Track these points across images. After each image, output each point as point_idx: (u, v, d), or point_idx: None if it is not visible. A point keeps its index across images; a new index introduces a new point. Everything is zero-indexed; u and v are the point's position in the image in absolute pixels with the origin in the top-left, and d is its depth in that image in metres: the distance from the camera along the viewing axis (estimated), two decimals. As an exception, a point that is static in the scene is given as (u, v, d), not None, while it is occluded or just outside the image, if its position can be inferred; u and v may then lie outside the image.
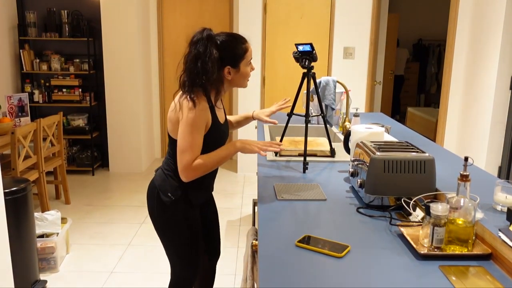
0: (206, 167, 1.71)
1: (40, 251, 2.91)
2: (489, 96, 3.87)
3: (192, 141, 1.69)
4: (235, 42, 1.75)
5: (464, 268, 1.19)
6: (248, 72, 1.79)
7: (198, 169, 1.70)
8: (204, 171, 1.72)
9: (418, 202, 1.54)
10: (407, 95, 8.53)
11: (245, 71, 1.79)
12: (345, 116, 2.84)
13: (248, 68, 1.79)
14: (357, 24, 4.81)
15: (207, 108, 1.72)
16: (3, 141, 3.48)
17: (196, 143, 1.69)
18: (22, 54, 4.88)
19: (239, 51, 1.75)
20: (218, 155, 1.74)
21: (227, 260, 3.18)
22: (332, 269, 1.18)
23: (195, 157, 1.69)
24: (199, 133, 1.70)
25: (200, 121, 1.69)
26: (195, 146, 1.69)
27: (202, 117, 1.70)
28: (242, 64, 1.76)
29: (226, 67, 1.74)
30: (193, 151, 1.69)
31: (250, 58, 1.78)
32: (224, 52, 1.72)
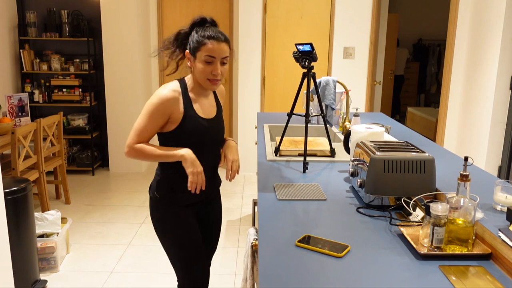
0: (142, 154, 1.70)
1: (40, 251, 2.91)
2: (489, 96, 3.87)
3: (142, 125, 1.69)
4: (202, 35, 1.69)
5: (464, 268, 1.20)
6: (201, 68, 1.69)
7: (135, 153, 1.70)
8: (139, 156, 1.71)
9: (418, 202, 1.54)
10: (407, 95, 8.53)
11: (200, 66, 1.69)
12: (345, 116, 2.84)
13: (204, 65, 1.69)
14: (357, 24, 4.81)
15: (173, 98, 1.69)
16: (3, 141, 3.48)
17: (144, 129, 1.69)
18: (22, 54, 4.89)
19: (198, 39, 1.69)
20: (159, 152, 1.71)
21: (227, 260, 3.18)
22: (332, 269, 1.18)
23: (138, 142, 1.70)
24: (151, 121, 1.68)
25: (156, 109, 1.68)
26: (142, 131, 1.69)
27: (162, 106, 1.68)
28: (198, 55, 1.69)
29: (186, 50, 1.74)
30: (137, 135, 1.70)
31: (206, 55, 1.67)
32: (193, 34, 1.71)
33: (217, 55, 1.68)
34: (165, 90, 1.70)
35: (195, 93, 1.77)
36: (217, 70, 1.69)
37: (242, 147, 5.03)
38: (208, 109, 1.81)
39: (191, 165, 1.67)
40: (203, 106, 1.79)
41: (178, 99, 1.70)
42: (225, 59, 1.72)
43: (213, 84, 1.72)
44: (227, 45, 1.72)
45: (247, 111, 5.06)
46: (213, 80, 1.71)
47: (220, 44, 1.68)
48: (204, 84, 1.72)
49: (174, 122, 1.71)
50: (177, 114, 1.71)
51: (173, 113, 1.70)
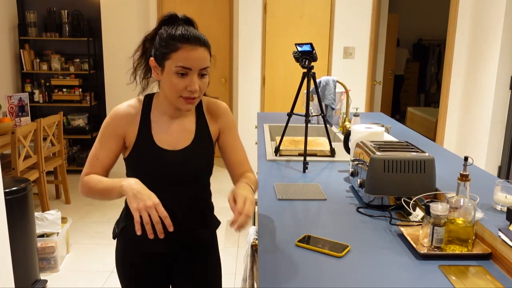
0: (90, 189, 1.33)
1: (41, 251, 2.91)
2: (489, 96, 3.88)
3: (93, 151, 1.37)
4: (172, 36, 1.26)
5: (464, 267, 1.20)
6: (175, 84, 1.26)
7: (84, 186, 1.35)
8: (88, 193, 1.34)
9: (418, 201, 1.54)
10: (407, 94, 8.54)
11: (170, 79, 1.26)
12: (345, 116, 2.84)
13: (176, 79, 1.25)
14: (357, 24, 4.81)
15: (126, 115, 1.35)
16: (4, 140, 3.48)
17: (95, 155, 1.36)
18: (22, 54, 4.89)
19: (166, 44, 1.26)
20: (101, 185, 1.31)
21: (227, 260, 3.18)
22: (332, 269, 1.18)
23: (91, 170, 1.35)
24: (101, 144, 1.35)
25: (106, 129, 1.36)
26: (93, 159, 1.36)
27: (112, 123, 1.35)
28: (166, 64, 1.27)
29: (151, 57, 1.33)
30: (89, 164, 1.37)
31: (178, 65, 1.24)
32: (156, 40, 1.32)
33: (194, 66, 1.25)
34: (120, 106, 1.38)
35: (160, 113, 1.38)
36: (194, 85, 1.26)
37: (242, 147, 5.03)
38: (175, 136, 1.38)
39: (134, 199, 1.17)
40: (168, 131, 1.37)
41: (133, 117, 1.35)
42: (205, 70, 1.29)
43: (188, 103, 1.29)
44: (206, 50, 1.29)
45: (247, 111, 5.06)
46: (188, 98, 1.28)
47: (198, 50, 1.25)
48: (176, 102, 1.30)
49: (128, 147, 1.37)
50: (130, 136, 1.36)
51: (127, 134, 1.36)
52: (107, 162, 1.36)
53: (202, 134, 1.41)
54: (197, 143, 1.40)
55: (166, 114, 1.38)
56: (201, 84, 1.29)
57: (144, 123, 1.36)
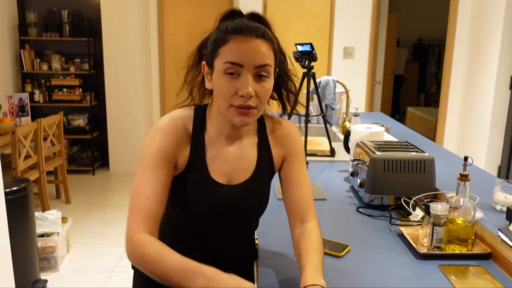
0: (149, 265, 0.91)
1: (41, 251, 2.91)
2: (489, 96, 3.88)
3: (137, 187, 0.99)
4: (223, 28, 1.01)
5: (464, 267, 1.20)
6: (223, 86, 0.98)
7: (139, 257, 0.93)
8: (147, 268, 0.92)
9: (418, 201, 1.54)
10: (407, 94, 8.53)
11: (219, 81, 0.99)
12: (345, 115, 2.84)
13: (225, 80, 0.97)
14: (357, 24, 4.81)
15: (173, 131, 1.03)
16: (4, 140, 3.48)
17: (141, 192, 0.98)
18: (22, 54, 4.89)
19: (215, 39, 1.01)
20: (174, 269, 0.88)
21: (227, 259, 3.18)
22: (332, 269, 1.18)
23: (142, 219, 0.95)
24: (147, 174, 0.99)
25: (152, 152, 1.00)
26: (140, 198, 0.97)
27: (159, 145, 1.01)
28: (216, 64, 1.00)
29: (203, 61, 1.07)
30: (136, 206, 0.97)
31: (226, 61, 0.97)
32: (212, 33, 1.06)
33: (245, 61, 0.96)
34: (163, 120, 1.05)
35: (215, 133, 1.08)
36: (246, 86, 0.96)
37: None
38: (232, 165, 1.09)
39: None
40: (225, 159, 1.08)
41: (185, 134, 1.05)
42: (264, 68, 0.98)
43: (240, 113, 0.98)
44: (267, 44, 1.02)
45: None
46: (241, 108, 0.98)
47: (252, 42, 0.98)
48: (227, 114, 1.01)
49: (178, 167, 1.06)
50: (182, 158, 1.05)
51: (179, 156, 1.05)
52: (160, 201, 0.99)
53: (265, 165, 1.12)
54: (258, 176, 1.12)
55: (222, 134, 1.08)
56: (259, 89, 0.98)
57: (196, 145, 1.05)
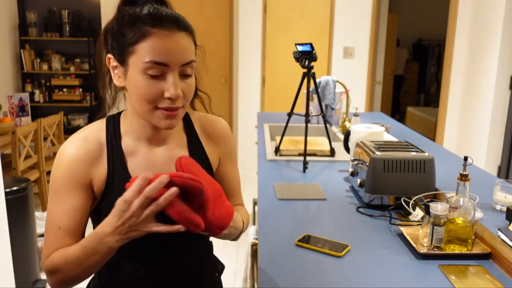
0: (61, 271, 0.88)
1: (41, 251, 2.91)
2: (488, 96, 3.88)
3: (48, 218, 0.92)
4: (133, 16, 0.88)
5: (464, 267, 1.20)
6: (143, 88, 0.86)
7: (51, 271, 0.89)
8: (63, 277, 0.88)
9: (417, 201, 1.54)
10: (407, 94, 8.54)
11: (136, 82, 0.86)
12: (345, 115, 2.84)
13: (145, 81, 0.86)
14: (357, 24, 4.82)
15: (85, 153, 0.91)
16: (4, 140, 3.48)
17: (52, 222, 0.91)
18: (22, 54, 4.89)
19: (129, 32, 0.87)
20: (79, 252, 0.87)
21: (227, 259, 3.18)
22: (332, 269, 1.18)
23: (53, 248, 0.90)
24: (60, 202, 0.91)
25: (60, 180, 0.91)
26: (52, 228, 0.91)
27: (66, 171, 0.90)
28: (130, 62, 0.87)
29: (108, 54, 0.92)
30: (49, 235, 0.91)
31: (148, 60, 0.85)
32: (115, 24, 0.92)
33: (171, 60, 0.86)
34: (67, 143, 0.93)
35: (134, 140, 0.96)
36: (174, 88, 0.86)
37: (242, 147, 5.03)
38: (161, 170, 0.94)
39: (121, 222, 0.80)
40: (151, 165, 0.96)
41: (97, 153, 0.93)
42: (189, 65, 0.89)
43: (168, 117, 0.89)
44: (189, 37, 0.90)
45: (247, 111, 5.06)
46: (168, 110, 0.88)
47: (176, 36, 0.86)
48: (150, 118, 0.90)
49: (97, 187, 0.94)
50: (98, 181, 0.93)
51: (93, 179, 0.93)
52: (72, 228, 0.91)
53: (200, 162, 0.92)
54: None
55: (142, 139, 0.96)
56: (185, 88, 0.89)
57: (114, 157, 0.93)
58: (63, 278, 0.88)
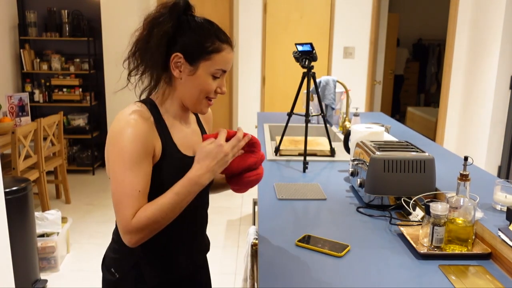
0: (156, 222, 1.07)
1: (41, 251, 2.91)
2: (489, 96, 3.88)
3: (126, 184, 1.07)
4: (207, 31, 1.14)
5: (464, 267, 1.20)
6: (208, 85, 1.15)
7: (144, 226, 1.06)
8: (154, 228, 1.08)
9: (418, 201, 1.54)
10: (407, 94, 8.53)
11: (204, 81, 1.14)
12: (345, 115, 2.84)
13: (211, 80, 1.15)
14: (357, 24, 4.81)
15: (148, 128, 1.11)
16: (4, 140, 3.48)
17: (132, 187, 1.07)
18: (22, 53, 4.89)
19: (207, 43, 1.13)
20: (175, 200, 1.08)
21: (227, 259, 3.18)
22: (332, 269, 1.18)
23: (136, 209, 1.07)
24: (134, 171, 1.07)
25: (134, 150, 1.08)
26: (132, 193, 1.07)
27: (138, 143, 1.08)
28: (202, 65, 1.13)
29: (175, 53, 1.13)
30: (129, 200, 1.07)
31: (218, 68, 1.14)
32: (184, 33, 1.13)
33: (229, 69, 1.19)
34: (132, 118, 1.10)
35: (171, 118, 1.21)
36: (224, 87, 1.20)
37: (242, 147, 5.02)
38: (191, 140, 1.24)
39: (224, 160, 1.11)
40: (186, 136, 1.23)
41: (153, 127, 1.14)
42: None
43: (209, 105, 1.21)
44: None
45: (247, 111, 5.06)
46: (211, 100, 1.20)
47: (232, 52, 1.19)
48: (199, 104, 1.18)
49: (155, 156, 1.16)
50: (157, 149, 1.15)
51: (154, 147, 1.14)
52: (147, 190, 1.10)
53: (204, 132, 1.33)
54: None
55: (177, 118, 1.22)
56: None
57: (163, 132, 1.16)
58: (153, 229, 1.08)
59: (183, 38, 1.13)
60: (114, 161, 1.08)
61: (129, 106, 1.15)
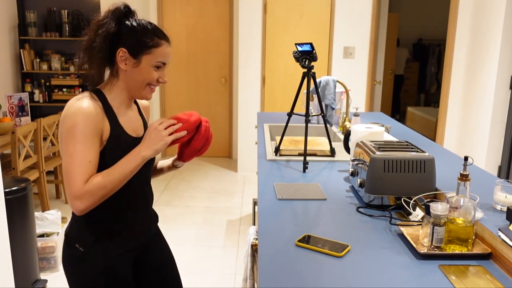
0: (105, 187, 1.24)
1: (41, 251, 2.91)
2: (489, 96, 3.88)
3: (77, 155, 1.23)
4: (147, 30, 1.34)
5: (464, 267, 1.20)
6: (150, 75, 1.34)
7: (94, 191, 1.22)
8: (102, 194, 1.24)
9: (418, 201, 1.54)
10: (407, 94, 8.54)
11: (147, 71, 1.34)
12: (345, 115, 2.84)
13: (153, 71, 1.34)
14: (357, 24, 4.81)
15: (96, 111, 1.28)
16: (4, 140, 3.48)
17: (83, 157, 1.23)
18: (22, 53, 4.89)
19: (147, 39, 1.32)
20: (122, 169, 1.28)
21: (227, 259, 3.18)
22: (332, 269, 1.18)
23: (86, 177, 1.23)
24: (86, 144, 1.24)
25: (85, 128, 1.24)
26: (83, 162, 1.23)
27: (88, 121, 1.24)
28: (144, 59, 1.32)
29: (120, 48, 1.32)
30: (80, 168, 1.22)
31: (158, 60, 1.34)
32: (127, 32, 1.33)
33: (167, 61, 1.39)
34: (83, 103, 1.26)
35: (118, 104, 1.38)
36: (165, 77, 1.40)
37: (242, 146, 5.03)
38: (135, 124, 1.44)
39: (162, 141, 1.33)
40: (131, 120, 1.42)
41: (101, 112, 1.30)
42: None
43: (152, 91, 1.40)
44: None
45: (247, 111, 5.06)
46: (153, 88, 1.39)
47: (169, 46, 1.39)
48: (143, 91, 1.37)
49: (103, 138, 1.32)
50: (105, 131, 1.31)
51: (101, 129, 1.30)
52: (97, 164, 1.28)
53: (145, 125, 1.52)
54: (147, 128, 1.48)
55: (122, 105, 1.40)
56: None
57: (111, 116, 1.34)
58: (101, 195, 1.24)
59: (126, 36, 1.32)
60: (66, 138, 1.24)
61: (79, 95, 1.32)
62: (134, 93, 1.38)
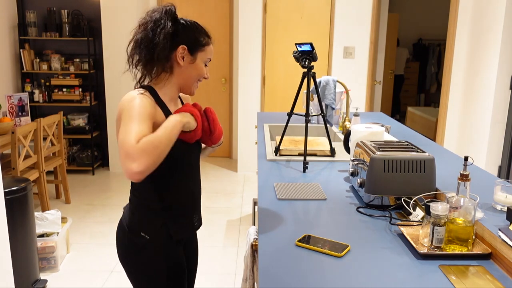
0: (154, 145, 1.24)
1: (41, 251, 2.91)
2: (489, 96, 3.88)
3: (132, 127, 1.27)
4: (199, 29, 1.46)
5: (464, 267, 1.20)
6: (202, 71, 1.47)
7: (146, 148, 1.22)
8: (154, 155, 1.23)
9: (418, 201, 1.54)
10: (407, 94, 8.54)
11: (200, 68, 1.46)
12: (345, 115, 2.84)
13: (204, 67, 1.47)
14: (357, 24, 4.81)
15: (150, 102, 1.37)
16: (4, 140, 3.48)
17: (138, 129, 1.27)
18: (22, 53, 4.89)
19: (201, 38, 1.45)
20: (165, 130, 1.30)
21: (227, 259, 3.18)
22: (332, 269, 1.18)
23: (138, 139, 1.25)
24: (141, 121, 1.29)
25: (143, 107, 1.32)
26: (138, 132, 1.26)
27: (143, 105, 1.33)
28: (199, 56, 1.45)
29: (181, 46, 1.41)
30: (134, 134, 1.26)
31: (208, 58, 1.48)
32: (182, 30, 1.42)
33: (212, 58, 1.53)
34: (137, 93, 1.36)
35: (168, 100, 1.47)
36: (208, 72, 1.53)
37: (242, 147, 5.03)
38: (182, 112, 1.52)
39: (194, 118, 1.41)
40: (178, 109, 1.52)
41: (154, 105, 1.39)
42: None
43: (197, 87, 1.53)
44: None
45: (247, 111, 5.06)
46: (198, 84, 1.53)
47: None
48: (192, 87, 1.49)
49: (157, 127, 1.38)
50: (158, 121, 1.39)
51: (156, 118, 1.38)
52: None
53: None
54: None
55: (172, 100, 1.50)
56: None
57: (164, 108, 1.43)
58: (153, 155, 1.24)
59: (184, 35, 1.42)
60: (124, 119, 1.30)
61: (133, 91, 1.39)
62: (185, 88, 1.49)
